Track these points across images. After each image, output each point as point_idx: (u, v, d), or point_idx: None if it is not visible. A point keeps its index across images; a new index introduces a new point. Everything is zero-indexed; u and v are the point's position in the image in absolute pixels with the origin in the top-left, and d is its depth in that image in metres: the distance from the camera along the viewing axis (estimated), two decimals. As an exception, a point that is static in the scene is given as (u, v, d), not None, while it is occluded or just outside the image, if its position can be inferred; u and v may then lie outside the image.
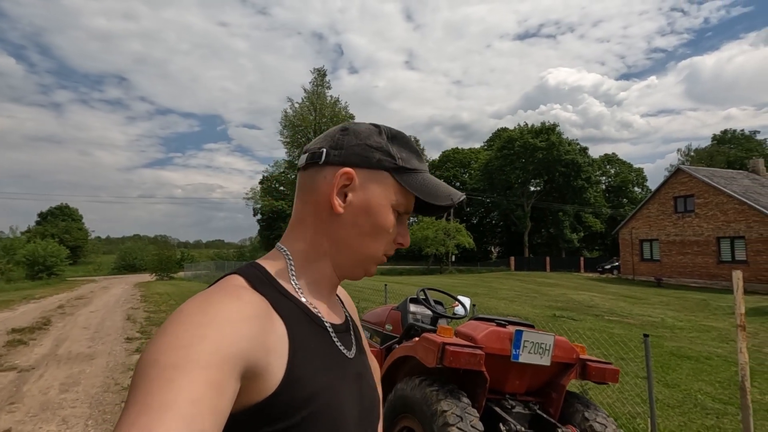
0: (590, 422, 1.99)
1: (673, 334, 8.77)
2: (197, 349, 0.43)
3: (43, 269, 28.63)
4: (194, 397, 0.40)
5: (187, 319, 0.46)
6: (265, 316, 0.52)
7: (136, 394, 0.40)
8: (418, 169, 0.65)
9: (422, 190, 0.64)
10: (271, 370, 0.50)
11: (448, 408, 1.81)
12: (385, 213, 0.63)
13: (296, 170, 0.68)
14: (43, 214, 58.45)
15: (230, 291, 0.52)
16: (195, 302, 0.49)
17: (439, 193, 0.65)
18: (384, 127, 0.67)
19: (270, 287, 0.58)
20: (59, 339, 7.38)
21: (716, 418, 4.52)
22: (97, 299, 14.27)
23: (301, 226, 0.64)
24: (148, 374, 0.41)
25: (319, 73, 37.27)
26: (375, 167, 0.63)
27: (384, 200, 0.63)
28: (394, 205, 0.64)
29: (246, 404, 0.49)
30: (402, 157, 0.64)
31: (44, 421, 3.72)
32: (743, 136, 48.14)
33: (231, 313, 0.48)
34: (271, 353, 0.50)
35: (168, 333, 0.45)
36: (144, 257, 44.36)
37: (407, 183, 0.63)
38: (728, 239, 19.64)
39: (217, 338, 0.44)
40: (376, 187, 0.63)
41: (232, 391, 0.44)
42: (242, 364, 0.46)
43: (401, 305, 3.25)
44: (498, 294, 15.88)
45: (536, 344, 2.03)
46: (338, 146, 0.63)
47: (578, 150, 42.05)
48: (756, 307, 12.60)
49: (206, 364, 0.42)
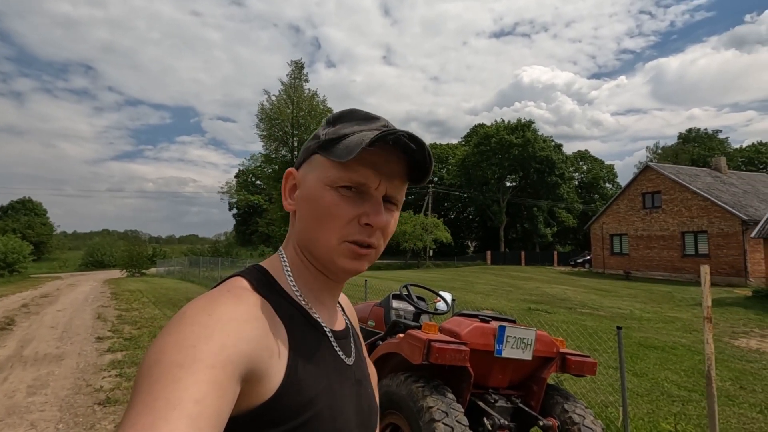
0: (569, 414, 2.06)
1: (641, 325, 9.15)
2: (203, 348, 0.43)
3: (4, 266, 27.21)
4: (199, 397, 0.40)
5: (192, 319, 0.46)
6: (268, 318, 0.52)
7: (140, 393, 0.40)
8: (349, 133, 0.59)
9: (342, 152, 0.56)
10: (271, 373, 0.50)
11: (434, 404, 1.84)
12: (321, 195, 0.58)
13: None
14: (4, 208, 55.62)
15: (234, 293, 0.52)
16: (200, 303, 0.49)
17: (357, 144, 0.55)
18: (332, 114, 0.65)
19: (272, 290, 0.58)
20: (24, 339, 7.04)
21: (682, 405, 4.75)
22: (64, 297, 13.70)
23: (289, 234, 0.66)
24: (153, 373, 0.41)
25: (296, 66, 36.68)
26: (307, 157, 0.63)
27: (316, 182, 0.59)
28: (331, 183, 0.58)
29: (246, 407, 0.48)
30: (328, 132, 0.61)
31: (11, 427, 3.55)
32: (707, 135, 50.42)
33: (235, 314, 0.48)
34: (272, 356, 0.50)
35: (173, 332, 0.45)
36: (113, 253, 42.84)
37: (330, 153, 0.58)
38: (692, 234, 20.57)
39: (221, 339, 0.44)
40: (310, 173, 0.61)
41: (234, 393, 0.44)
42: (245, 365, 0.46)
43: (384, 301, 3.26)
44: (474, 288, 16.14)
45: (518, 339, 2.08)
46: (301, 151, 0.66)
47: (553, 147, 43.02)
48: (716, 298, 13.27)
49: (211, 364, 0.42)
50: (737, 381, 5.64)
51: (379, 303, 3.33)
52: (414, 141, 0.56)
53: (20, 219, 51.61)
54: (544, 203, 42.97)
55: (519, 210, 44.68)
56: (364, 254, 0.59)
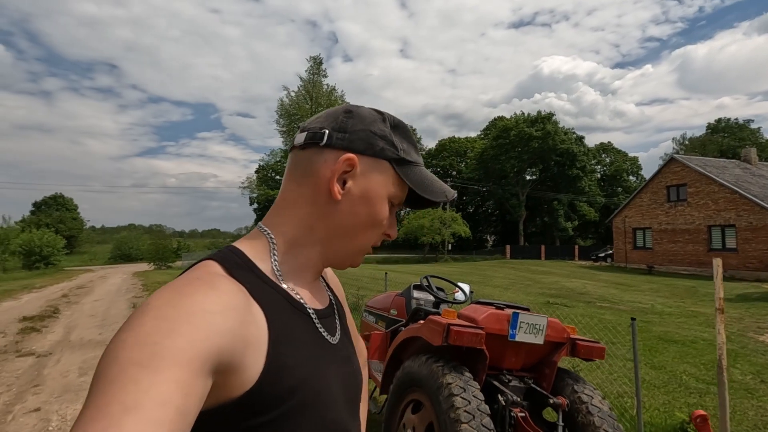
0: (579, 394, 2.23)
1: (662, 320, 9.10)
2: (166, 345, 0.39)
3: (40, 259, 28.60)
4: (160, 399, 0.36)
5: (155, 312, 0.42)
6: (243, 306, 0.48)
7: (94, 394, 0.36)
8: (416, 162, 0.64)
9: (420, 184, 0.63)
10: (250, 363, 0.47)
11: (453, 381, 2.03)
12: (382, 204, 0.62)
13: (290, 148, 0.64)
14: (38, 203, 58.09)
15: (205, 279, 0.48)
16: (165, 293, 0.45)
17: (434, 188, 0.64)
18: (387, 115, 0.64)
19: (248, 272, 0.54)
20: (69, 326, 7.58)
21: (699, 396, 4.82)
22: (98, 288, 14.43)
23: (293, 208, 0.61)
24: (108, 373, 0.37)
25: (315, 62, 37.04)
26: (378, 156, 0.61)
27: (383, 191, 0.61)
28: (391, 197, 0.62)
29: (224, 399, 0.46)
30: (403, 149, 0.63)
31: (69, 402, 3.94)
32: (737, 125, 48.49)
33: (206, 304, 0.44)
34: (249, 346, 0.47)
35: (134, 327, 0.40)
36: (140, 247, 44.34)
37: (406, 176, 0.62)
38: (719, 227, 20.04)
39: (189, 333, 0.40)
40: (377, 176, 0.61)
41: (203, 391, 0.41)
42: (217, 360, 0.42)
43: (405, 292, 3.47)
44: (492, 282, 16.20)
45: (531, 325, 2.26)
46: (342, 129, 0.60)
47: (574, 139, 42.25)
48: (743, 293, 12.99)
49: (176, 362, 0.38)
50: (758, 375, 5.63)
51: (400, 293, 3.54)
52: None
53: (52, 214, 53.84)
54: (565, 197, 42.31)
55: (539, 203, 44.14)
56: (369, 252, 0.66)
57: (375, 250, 15.79)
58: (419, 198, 0.65)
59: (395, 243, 49.30)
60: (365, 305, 4.11)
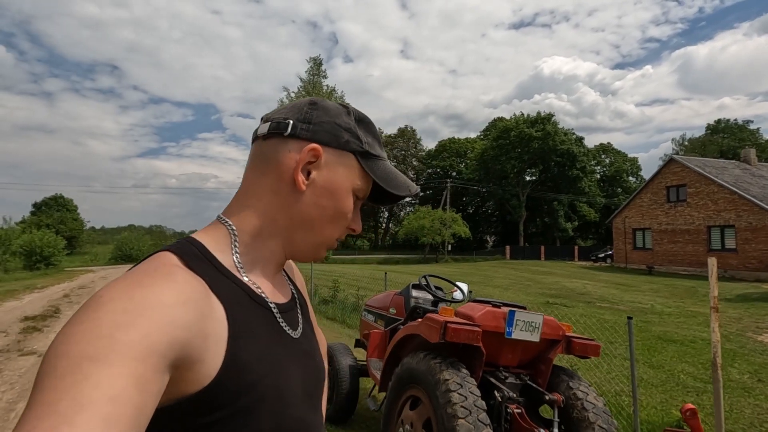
0: (574, 390, 2.27)
1: (661, 320, 9.14)
2: (121, 338, 0.37)
3: (41, 259, 28.65)
4: (115, 394, 0.34)
5: (109, 305, 0.40)
6: (202, 299, 0.47)
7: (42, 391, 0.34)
8: (381, 156, 0.64)
9: (384, 178, 0.63)
10: (208, 358, 0.46)
11: (450, 377, 2.08)
12: (346, 196, 0.61)
13: (253, 138, 0.64)
14: (38, 204, 58.21)
15: (162, 271, 0.46)
16: (120, 284, 0.43)
17: (398, 182, 0.64)
18: (352, 108, 0.64)
19: (208, 265, 0.52)
20: (70, 326, 7.60)
21: (696, 395, 4.86)
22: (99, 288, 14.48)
23: (254, 198, 0.59)
24: (58, 368, 0.35)
25: (314, 62, 37.12)
26: (343, 148, 0.60)
27: (347, 183, 0.61)
28: (355, 190, 0.62)
29: (180, 395, 0.44)
30: (368, 142, 0.63)
31: (71, 400, 3.97)
32: (737, 125, 48.52)
33: (163, 297, 0.42)
34: (208, 340, 0.46)
35: (85, 320, 0.38)
36: (141, 247, 44.41)
37: (371, 169, 0.62)
38: (718, 228, 20.09)
39: (145, 326, 0.39)
40: (342, 168, 0.60)
41: (160, 386, 0.40)
42: (174, 354, 0.41)
43: (404, 291, 3.51)
44: (492, 282, 16.23)
45: (527, 323, 2.30)
46: (306, 120, 0.60)
47: (574, 140, 42.33)
48: (743, 293, 13.02)
49: (132, 356, 0.37)
50: (756, 374, 5.66)
51: (399, 292, 3.58)
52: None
53: (53, 215, 53.93)
54: (565, 197, 42.38)
55: (539, 204, 44.20)
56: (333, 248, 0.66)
57: (375, 251, 15.79)
58: (382, 193, 0.66)
59: (395, 244, 49.38)
60: (364, 304, 4.15)
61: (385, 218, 57.24)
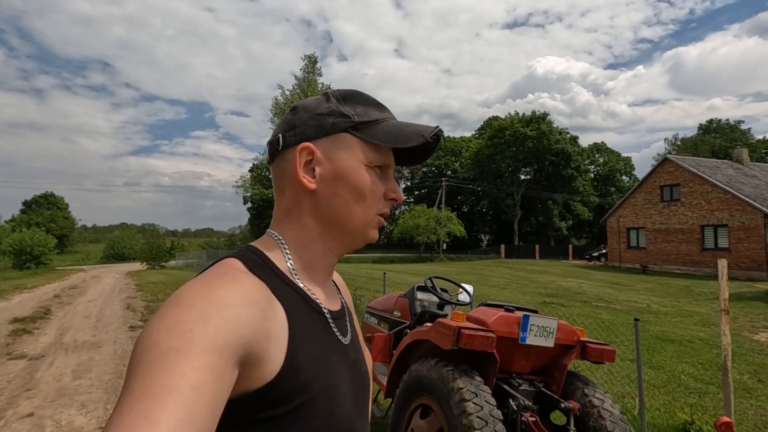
0: (589, 398, 2.19)
1: (658, 319, 9.15)
2: (200, 333, 0.42)
3: (31, 259, 28.22)
4: (196, 383, 0.38)
5: (188, 302, 0.45)
6: (266, 301, 0.51)
7: (135, 378, 0.38)
8: (379, 119, 0.63)
9: (386, 137, 0.61)
10: (271, 357, 0.49)
11: (464, 385, 1.99)
12: (359, 174, 0.61)
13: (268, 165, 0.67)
14: (28, 202, 57.36)
15: (230, 275, 0.51)
16: (195, 286, 0.48)
17: (407, 134, 0.61)
18: (333, 92, 0.65)
19: (269, 272, 0.56)
20: (62, 328, 7.43)
21: (698, 396, 4.83)
22: (92, 289, 14.24)
23: (287, 215, 0.63)
24: (148, 358, 0.40)
25: (309, 60, 36.90)
26: (332, 132, 0.61)
27: (353, 161, 0.61)
28: (367, 163, 0.62)
29: (244, 390, 0.48)
30: (357, 113, 0.62)
31: (64, 406, 3.83)
32: (728, 125, 49.03)
33: (233, 297, 0.47)
34: (271, 339, 0.49)
35: (168, 316, 0.43)
36: (133, 246, 43.98)
37: (370, 136, 0.61)
38: (712, 227, 20.22)
39: (219, 323, 0.43)
40: (340, 151, 0.61)
41: (232, 378, 0.43)
42: (243, 350, 0.45)
43: (409, 293, 3.42)
44: (489, 281, 16.21)
45: (541, 327, 2.22)
46: (291, 127, 0.62)
47: (568, 139, 42.49)
48: (737, 292, 13.10)
49: (209, 349, 0.41)
50: (755, 374, 5.66)
51: (403, 294, 3.49)
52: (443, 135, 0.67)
53: (43, 213, 53.22)
54: (560, 196, 42.56)
55: (534, 203, 44.35)
56: (383, 224, 0.65)
57: (369, 250, 15.73)
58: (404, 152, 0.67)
59: (390, 242, 49.27)
60: (366, 306, 4.05)
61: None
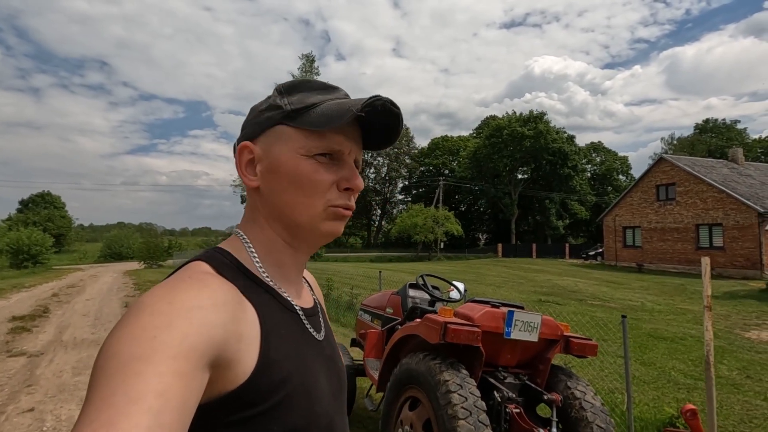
0: (572, 390, 2.29)
1: (652, 317, 9.26)
2: (164, 338, 0.40)
3: (28, 258, 28.18)
4: (161, 390, 0.37)
5: (151, 308, 0.43)
6: (235, 302, 0.50)
7: (97, 388, 0.37)
8: (316, 102, 0.59)
9: (320, 120, 0.57)
10: (243, 358, 0.48)
11: (450, 378, 2.08)
12: (296, 164, 0.58)
13: None
14: (25, 201, 57.16)
15: (197, 278, 0.50)
16: (159, 291, 0.46)
17: (340, 111, 0.57)
18: (280, 85, 0.62)
19: (237, 272, 0.55)
20: (61, 326, 7.51)
21: (687, 392, 4.93)
22: (90, 287, 14.28)
23: (250, 214, 0.63)
24: (110, 366, 0.38)
25: (307, 59, 36.93)
26: (267, 127, 0.60)
27: (289, 153, 0.58)
28: (306, 152, 0.58)
29: (217, 393, 0.47)
30: (292, 101, 0.59)
31: (64, 402, 3.91)
32: (725, 125, 49.21)
33: (199, 300, 0.46)
34: (242, 340, 0.49)
35: (130, 323, 0.42)
36: (131, 245, 43.86)
37: (303, 122, 0.58)
38: (707, 226, 20.36)
39: (184, 327, 0.42)
40: (277, 145, 0.59)
41: (201, 383, 0.43)
42: (212, 353, 0.44)
43: (401, 290, 3.50)
44: (485, 280, 16.31)
45: (526, 323, 2.31)
46: (242, 129, 0.63)
47: (566, 138, 42.61)
48: (730, 291, 13.23)
49: (174, 355, 0.40)
50: (744, 371, 5.76)
51: (396, 292, 3.57)
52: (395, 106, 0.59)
53: (40, 212, 53.03)
54: (557, 195, 42.69)
55: (531, 202, 44.48)
56: (346, 216, 0.62)
57: (367, 249, 15.70)
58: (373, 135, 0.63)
59: (388, 242, 49.37)
60: (360, 304, 4.13)
61: (378, 216, 57.21)
